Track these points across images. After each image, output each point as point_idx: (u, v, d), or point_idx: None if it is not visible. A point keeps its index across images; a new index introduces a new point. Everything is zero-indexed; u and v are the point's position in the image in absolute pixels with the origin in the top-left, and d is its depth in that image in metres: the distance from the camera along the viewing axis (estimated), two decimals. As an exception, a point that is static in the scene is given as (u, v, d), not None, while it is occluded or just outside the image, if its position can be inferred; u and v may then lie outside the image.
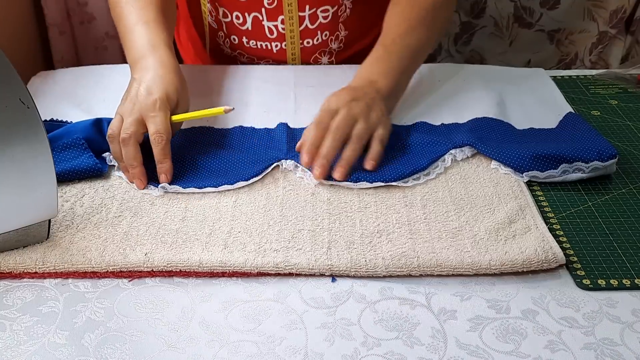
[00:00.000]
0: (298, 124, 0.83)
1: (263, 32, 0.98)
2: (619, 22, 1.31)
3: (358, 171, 0.72)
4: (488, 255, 0.61)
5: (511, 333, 0.55)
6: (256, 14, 0.96)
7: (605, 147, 0.72)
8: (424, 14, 0.86)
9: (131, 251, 0.62)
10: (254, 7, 0.96)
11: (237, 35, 1.00)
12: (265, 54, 1.01)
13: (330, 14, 0.97)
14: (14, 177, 0.58)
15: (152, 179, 0.72)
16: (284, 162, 0.74)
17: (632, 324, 0.55)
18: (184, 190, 0.70)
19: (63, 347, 0.53)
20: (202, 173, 0.73)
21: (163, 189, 0.70)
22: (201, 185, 0.71)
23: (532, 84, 0.93)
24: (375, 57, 0.84)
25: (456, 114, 0.84)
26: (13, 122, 0.56)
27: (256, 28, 0.98)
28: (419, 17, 0.86)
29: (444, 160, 0.74)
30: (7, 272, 0.61)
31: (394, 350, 0.53)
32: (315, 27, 0.98)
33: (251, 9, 0.96)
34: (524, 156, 0.72)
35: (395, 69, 0.82)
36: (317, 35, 0.99)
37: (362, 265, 0.60)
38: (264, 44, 0.99)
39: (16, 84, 0.56)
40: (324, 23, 0.98)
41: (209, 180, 0.71)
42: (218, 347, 0.54)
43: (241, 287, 0.60)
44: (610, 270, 0.61)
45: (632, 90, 0.92)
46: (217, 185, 0.71)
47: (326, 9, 0.96)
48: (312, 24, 0.97)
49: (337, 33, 0.99)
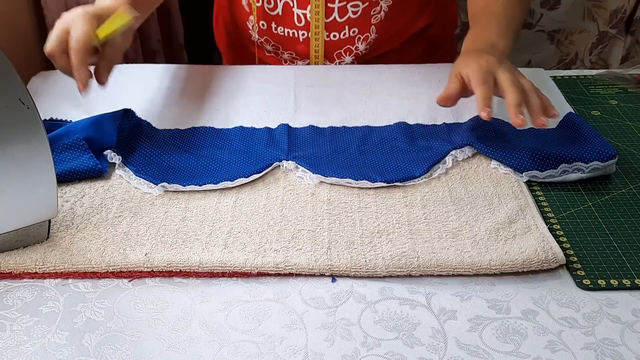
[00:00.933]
0: (298, 124, 0.83)
1: (292, 18, 0.99)
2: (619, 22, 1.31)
3: (359, 170, 0.72)
4: (488, 255, 0.61)
5: (511, 333, 0.55)
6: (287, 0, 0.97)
7: (605, 147, 0.72)
8: None
9: (131, 251, 0.62)
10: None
11: (266, 21, 1.01)
12: (291, 42, 1.01)
13: (360, 9, 0.97)
14: (14, 177, 0.58)
15: (154, 176, 0.71)
16: (285, 163, 0.74)
17: (632, 324, 0.55)
18: (183, 188, 0.70)
19: (63, 348, 0.53)
20: (202, 171, 0.73)
21: (163, 188, 0.70)
22: (201, 182, 0.71)
23: (532, 84, 0.93)
24: (487, 22, 0.86)
25: (456, 114, 0.84)
26: (13, 122, 0.56)
27: (286, 14, 0.98)
28: None
29: (445, 162, 0.74)
30: (7, 272, 0.61)
31: (394, 351, 0.53)
32: (344, 21, 0.98)
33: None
34: (523, 156, 0.72)
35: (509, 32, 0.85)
36: (344, 29, 0.98)
37: (362, 265, 0.60)
38: (292, 32, 1.00)
39: (16, 84, 0.56)
40: (353, 18, 0.98)
41: (209, 177, 0.71)
42: (218, 347, 0.54)
43: (241, 287, 0.60)
44: (611, 270, 0.61)
45: (632, 90, 0.92)
46: (217, 182, 0.71)
47: (356, 4, 0.96)
48: (341, 17, 0.97)
49: (367, 34, 0.99)
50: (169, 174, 0.72)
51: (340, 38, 0.99)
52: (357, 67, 0.99)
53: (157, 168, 0.73)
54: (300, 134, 0.80)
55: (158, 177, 0.71)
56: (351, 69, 0.98)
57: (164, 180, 0.71)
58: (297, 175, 0.73)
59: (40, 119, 0.57)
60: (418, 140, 0.79)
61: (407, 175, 0.71)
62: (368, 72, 0.97)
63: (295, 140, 0.79)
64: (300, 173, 0.73)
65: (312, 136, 0.80)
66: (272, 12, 0.99)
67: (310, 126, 0.83)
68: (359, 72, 0.97)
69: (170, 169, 0.73)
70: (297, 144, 0.78)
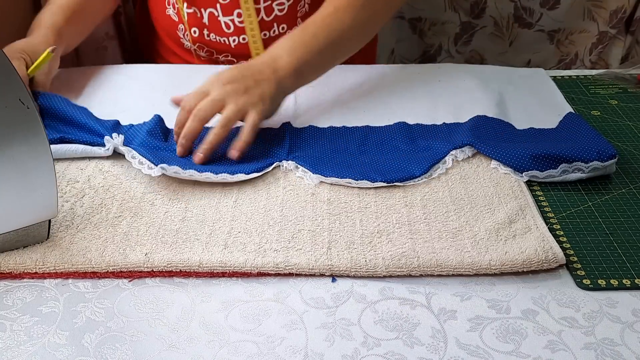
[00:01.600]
0: (298, 124, 0.83)
1: (220, 26, 0.99)
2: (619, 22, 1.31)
3: (359, 170, 0.72)
4: (488, 255, 0.61)
5: (511, 333, 0.55)
6: (211, 9, 0.97)
7: (605, 147, 0.72)
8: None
9: (131, 251, 0.62)
10: (209, 3, 0.97)
11: (198, 28, 1.01)
12: (224, 48, 1.01)
13: (285, 7, 0.98)
14: (14, 177, 0.58)
15: (156, 158, 0.71)
16: (285, 163, 0.74)
17: (632, 324, 0.55)
18: (183, 172, 0.70)
19: (63, 348, 0.53)
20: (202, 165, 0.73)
21: (162, 170, 0.70)
22: (201, 169, 0.71)
23: (532, 84, 0.93)
24: (290, 34, 0.81)
25: (456, 114, 0.84)
26: (13, 123, 0.56)
27: (212, 22, 0.99)
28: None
29: (445, 162, 0.74)
30: (7, 273, 0.61)
31: (394, 351, 0.53)
32: (271, 19, 0.98)
33: (207, 4, 0.97)
34: (523, 156, 0.72)
35: (307, 47, 0.79)
36: (273, 27, 0.99)
37: (362, 265, 0.60)
38: (222, 39, 1.00)
39: (16, 84, 0.56)
40: (280, 16, 0.98)
41: (210, 167, 0.71)
42: (218, 347, 0.54)
43: (241, 287, 0.60)
44: (611, 270, 0.61)
45: (632, 90, 0.92)
46: (217, 173, 0.70)
47: (281, 2, 0.97)
48: (268, 16, 0.98)
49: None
50: (169, 159, 0.72)
51: (271, 35, 1.00)
52: (356, 67, 0.99)
53: (157, 152, 0.73)
54: (300, 134, 0.81)
55: (157, 159, 0.71)
56: (350, 69, 0.98)
57: (163, 162, 0.70)
58: (297, 175, 0.73)
59: (40, 119, 0.57)
60: (418, 140, 0.79)
61: (407, 175, 0.71)
62: (368, 72, 0.97)
63: (296, 140, 0.79)
64: (300, 173, 0.73)
65: (312, 136, 0.80)
66: (201, 21, 1.00)
67: (311, 126, 0.83)
68: (358, 72, 0.97)
69: (171, 155, 0.73)
70: (297, 143, 0.78)
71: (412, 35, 1.42)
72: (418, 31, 1.41)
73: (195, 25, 1.01)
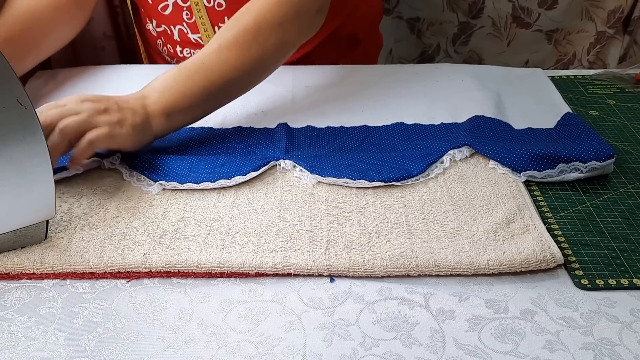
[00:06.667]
0: (296, 124, 0.83)
1: (191, 42, 0.99)
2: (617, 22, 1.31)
3: (356, 169, 0.72)
4: (486, 255, 0.61)
5: (510, 333, 0.55)
6: (180, 26, 0.97)
7: (602, 147, 0.72)
8: (242, 34, 0.76)
9: (129, 252, 0.62)
10: (176, 20, 0.97)
11: (171, 45, 1.02)
12: None
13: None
14: (12, 178, 0.58)
15: (152, 173, 0.71)
16: (282, 162, 0.74)
17: (631, 324, 0.55)
18: (181, 185, 0.70)
19: (61, 348, 0.53)
20: (199, 170, 0.73)
21: (161, 185, 0.70)
22: (199, 180, 0.71)
23: (530, 84, 0.93)
24: (167, 73, 0.76)
25: (454, 114, 0.84)
26: (10, 123, 0.56)
27: (184, 39, 0.99)
28: (235, 36, 0.76)
29: (443, 161, 0.74)
30: (5, 273, 0.60)
31: (393, 351, 0.53)
32: None
33: (175, 22, 0.97)
34: (521, 156, 0.72)
35: (181, 88, 0.74)
36: None
37: (360, 266, 0.60)
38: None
39: (14, 85, 0.56)
40: None
41: (207, 176, 0.71)
42: (216, 348, 0.54)
43: (239, 287, 0.60)
44: (609, 270, 0.61)
45: (629, 90, 0.93)
46: (214, 180, 0.71)
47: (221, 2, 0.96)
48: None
49: None
50: (167, 173, 0.72)
51: None
52: (355, 67, 0.99)
53: (155, 166, 0.73)
54: (298, 134, 0.81)
55: (156, 175, 0.71)
56: (349, 69, 0.98)
57: (162, 179, 0.71)
58: (294, 175, 0.73)
59: (38, 119, 0.57)
60: (416, 140, 0.79)
61: (405, 174, 0.71)
62: (366, 72, 0.97)
63: (293, 140, 0.79)
64: (297, 173, 0.73)
65: (309, 136, 0.80)
66: (173, 38, 1.00)
67: (308, 126, 0.83)
68: (357, 72, 0.97)
69: (168, 168, 0.73)
70: (295, 143, 0.78)
71: (410, 35, 1.42)
72: (416, 31, 1.41)
73: (169, 42, 1.01)
